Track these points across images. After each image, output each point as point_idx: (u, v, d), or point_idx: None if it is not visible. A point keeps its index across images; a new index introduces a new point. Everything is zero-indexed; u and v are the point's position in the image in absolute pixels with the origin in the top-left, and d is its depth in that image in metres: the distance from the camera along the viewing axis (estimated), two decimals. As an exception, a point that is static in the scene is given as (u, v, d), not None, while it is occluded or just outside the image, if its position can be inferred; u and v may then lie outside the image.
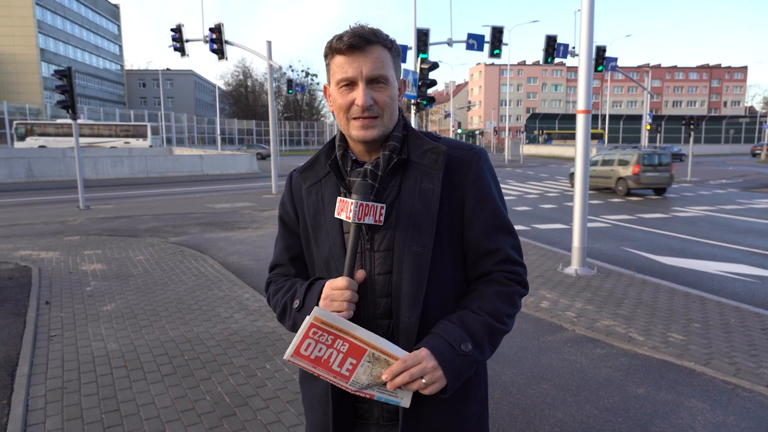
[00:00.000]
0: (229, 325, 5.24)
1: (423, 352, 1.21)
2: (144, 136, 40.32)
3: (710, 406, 3.69)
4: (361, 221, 1.26)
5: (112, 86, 75.28)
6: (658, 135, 35.11)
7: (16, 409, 3.58)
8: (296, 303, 1.35)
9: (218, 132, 49.46)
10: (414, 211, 1.31)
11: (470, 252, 1.38)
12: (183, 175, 27.51)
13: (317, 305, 1.25)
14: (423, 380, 1.20)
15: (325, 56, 1.33)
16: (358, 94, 1.28)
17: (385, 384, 1.21)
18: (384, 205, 1.30)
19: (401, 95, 1.40)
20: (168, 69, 77.86)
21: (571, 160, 7.92)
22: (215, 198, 17.47)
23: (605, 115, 59.82)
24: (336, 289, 1.24)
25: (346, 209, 1.27)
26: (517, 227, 11.41)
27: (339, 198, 1.31)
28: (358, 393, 1.25)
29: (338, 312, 1.23)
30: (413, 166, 1.35)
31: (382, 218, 1.30)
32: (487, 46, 19.55)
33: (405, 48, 17.29)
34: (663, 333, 5.04)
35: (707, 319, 5.42)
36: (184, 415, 3.53)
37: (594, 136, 61.80)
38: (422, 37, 17.66)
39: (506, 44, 20.14)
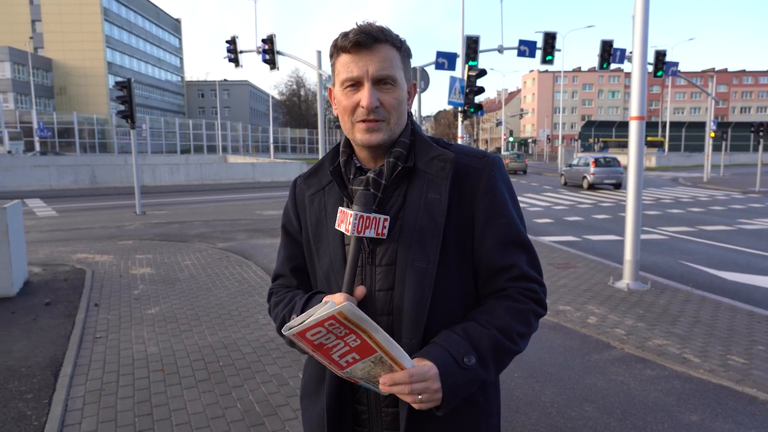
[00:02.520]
0: (266, 332, 5.24)
1: (432, 371, 1.09)
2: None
3: (774, 439, 3.36)
4: (361, 234, 1.17)
5: (173, 97, 78.65)
6: (724, 143, 33.14)
7: (56, 409, 3.67)
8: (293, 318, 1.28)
9: (271, 140, 50.69)
10: (419, 224, 1.21)
11: (482, 268, 1.27)
12: (235, 182, 28.29)
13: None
14: (419, 397, 1.09)
15: (331, 56, 1.26)
16: (364, 95, 1.19)
17: (376, 379, 1.12)
18: (387, 216, 1.21)
19: (411, 99, 1.31)
20: (225, 80, 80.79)
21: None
22: (264, 205, 17.81)
23: (666, 122, 57.34)
24: None
25: (345, 221, 1.19)
26: (567, 238, 11.13)
27: (340, 208, 1.23)
28: (343, 377, 1.19)
29: None
30: (419, 174, 1.25)
31: (386, 231, 1.20)
32: (539, 53, 19.15)
33: (454, 56, 17.17)
34: (722, 355, 4.67)
35: (773, 341, 4.99)
36: (213, 422, 3.52)
37: (654, 144, 59.35)
38: (472, 45, 17.46)
39: (559, 50, 19.64)
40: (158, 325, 5.44)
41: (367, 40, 1.18)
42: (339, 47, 1.21)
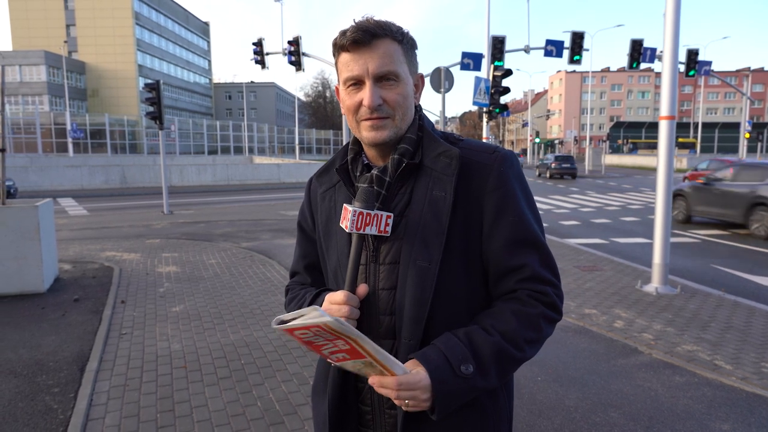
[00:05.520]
0: (287, 331, 5.25)
1: (423, 383, 1.06)
2: None
3: (810, 451, 3.22)
4: (360, 231, 1.15)
5: (201, 99, 79.96)
6: (759, 144, 32.17)
7: (81, 403, 3.73)
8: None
9: (297, 141, 51.06)
10: (422, 222, 1.18)
11: (491, 269, 1.22)
12: (261, 183, 28.61)
13: None
14: (407, 402, 1.08)
15: (333, 55, 1.23)
16: (366, 94, 1.17)
17: (366, 377, 1.13)
18: (391, 214, 1.18)
19: (418, 92, 1.28)
20: (252, 81, 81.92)
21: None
22: (288, 205, 17.94)
23: (698, 123, 55.97)
24: (334, 304, 1.15)
25: (346, 218, 1.17)
26: (593, 240, 10.92)
27: (344, 205, 1.20)
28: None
29: None
30: (426, 171, 1.22)
31: (389, 228, 1.17)
32: (566, 53, 18.89)
33: (479, 56, 17.04)
34: (756, 362, 4.51)
35: (810, 349, 4.80)
36: (233, 419, 3.53)
37: (685, 145, 58.00)
38: (498, 45, 17.33)
39: (587, 50, 19.36)
40: (182, 323, 5.50)
41: (364, 37, 1.15)
42: (338, 46, 1.19)
